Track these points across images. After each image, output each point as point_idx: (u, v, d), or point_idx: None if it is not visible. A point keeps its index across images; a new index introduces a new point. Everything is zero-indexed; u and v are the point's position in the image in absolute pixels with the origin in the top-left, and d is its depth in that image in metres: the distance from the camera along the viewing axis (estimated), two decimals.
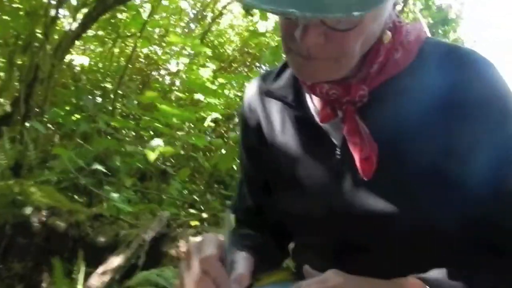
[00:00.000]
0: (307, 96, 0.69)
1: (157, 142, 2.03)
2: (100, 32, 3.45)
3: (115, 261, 1.50)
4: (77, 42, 3.32)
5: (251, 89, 0.78)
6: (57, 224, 1.90)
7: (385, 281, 0.59)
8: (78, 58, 3.22)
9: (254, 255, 0.71)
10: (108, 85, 3.19)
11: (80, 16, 2.90)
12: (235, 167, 2.70)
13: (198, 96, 3.10)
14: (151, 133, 2.95)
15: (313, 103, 0.69)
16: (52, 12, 2.63)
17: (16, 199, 2.08)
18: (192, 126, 2.99)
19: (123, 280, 1.49)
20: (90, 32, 3.42)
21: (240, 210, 0.84)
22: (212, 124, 3.35)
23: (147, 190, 2.61)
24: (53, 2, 2.67)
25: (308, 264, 0.68)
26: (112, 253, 1.66)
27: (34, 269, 1.82)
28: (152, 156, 1.96)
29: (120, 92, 3.26)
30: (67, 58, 3.11)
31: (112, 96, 3.07)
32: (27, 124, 2.45)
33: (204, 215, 2.41)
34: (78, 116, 2.91)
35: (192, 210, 2.61)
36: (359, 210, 0.64)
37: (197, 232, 1.73)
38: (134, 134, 3.19)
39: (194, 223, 2.03)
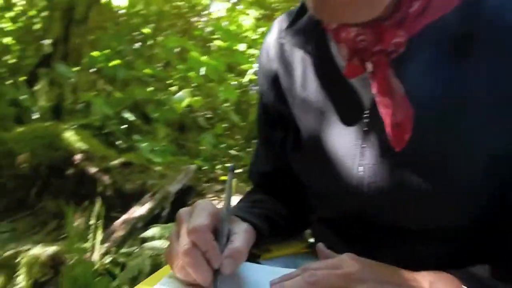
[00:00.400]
0: (334, 43, 0.61)
1: (183, 93, 2.02)
2: None
3: (139, 210, 1.57)
4: None
5: (271, 34, 0.70)
6: (88, 168, 2.00)
7: (411, 272, 0.51)
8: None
9: (263, 224, 0.67)
10: (147, 30, 3.20)
11: None
12: None
13: (240, 46, 3.04)
14: (191, 84, 2.96)
15: (340, 52, 0.59)
16: None
17: (52, 141, 2.20)
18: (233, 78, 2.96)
19: (146, 228, 1.55)
20: None
21: (257, 174, 0.80)
22: (255, 77, 3.29)
23: (181, 142, 2.66)
24: None
25: (325, 240, 0.64)
26: (138, 201, 1.73)
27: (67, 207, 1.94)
28: (181, 105, 1.96)
29: (159, 38, 3.26)
30: None
31: (150, 41, 3.08)
32: (62, 66, 2.53)
33: (238, 170, 2.43)
34: (116, 62, 2.97)
35: (228, 165, 2.65)
36: (385, 185, 0.58)
37: (223, 188, 1.75)
38: (174, 82, 3.21)
39: (224, 178, 2.06)
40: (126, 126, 2.58)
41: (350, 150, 0.60)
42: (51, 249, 1.42)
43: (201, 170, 2.29)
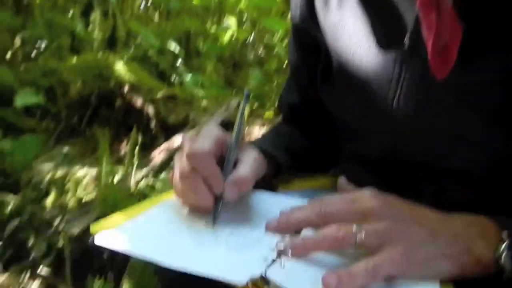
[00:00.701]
0: None
1: (229, 23, 1.99)
2: None
3: (178, 140, 1.63)
4: None
5: None
6: (135, 99, 2.10)
7: (441, 213, 0.48)
8: None
9: (284, 156, 0.67)
10: None
11: None
12: None
13: None
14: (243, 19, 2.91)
15: None
16: None
17: (102, 72, 2.32)
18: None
19: None
20: None
21: (285, 105, 0.80)
22: None
23: (230, 78, 2.68)
24: None
25: (354, 177, 0.61)
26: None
27: (114, 138, 2.08)
28: (226, 36, 1.94)
29: None
30: None
31: None
32: None
33: None
34: None
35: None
36: (419, 120, 0.55)
37: (264, 123, 1.76)
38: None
39: (268, 114, 2.06)
40: (175, 58, 2.64)
41: (386, 79, 0.57)
42: (94, 171, 1.54)
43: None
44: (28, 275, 1.23)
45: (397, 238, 0.43)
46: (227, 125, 1.82)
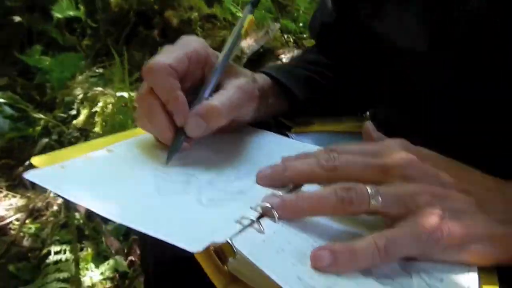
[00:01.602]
0: None
1: None
2: None
3: None
4: None
5: None
6: (172, 18, 2.08)
7: (496, 180, 0.39)
8: None
9: (300, 87, 0.61)
10: None
11: None
12: None
13: None
14: None
15: None
16: None
17: None
18: None
19: None
20: None
21: (316, 24, 0.73)
22: None
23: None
24: None
25: (384, 120, 0.56)
26: None
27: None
28: None
29: None
30: None
31: None
32: None
33: None
34: None
35: None
36: (471, 44, 0.47)
37: None
38: None
39: (311, 43, 1.98)
40: None
41: None
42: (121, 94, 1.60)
43: (294, 34, 2.22)
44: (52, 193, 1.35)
45: (427, 206, 0.34)
46: (266, 53, 1.78)
